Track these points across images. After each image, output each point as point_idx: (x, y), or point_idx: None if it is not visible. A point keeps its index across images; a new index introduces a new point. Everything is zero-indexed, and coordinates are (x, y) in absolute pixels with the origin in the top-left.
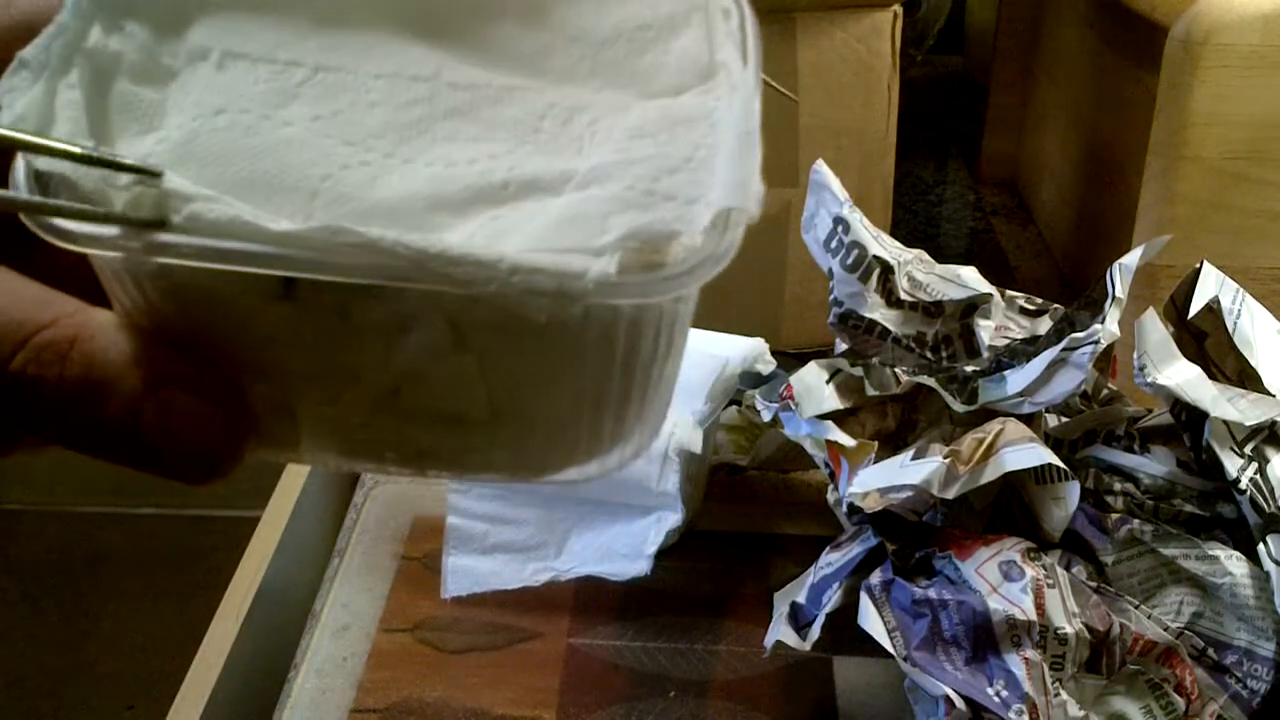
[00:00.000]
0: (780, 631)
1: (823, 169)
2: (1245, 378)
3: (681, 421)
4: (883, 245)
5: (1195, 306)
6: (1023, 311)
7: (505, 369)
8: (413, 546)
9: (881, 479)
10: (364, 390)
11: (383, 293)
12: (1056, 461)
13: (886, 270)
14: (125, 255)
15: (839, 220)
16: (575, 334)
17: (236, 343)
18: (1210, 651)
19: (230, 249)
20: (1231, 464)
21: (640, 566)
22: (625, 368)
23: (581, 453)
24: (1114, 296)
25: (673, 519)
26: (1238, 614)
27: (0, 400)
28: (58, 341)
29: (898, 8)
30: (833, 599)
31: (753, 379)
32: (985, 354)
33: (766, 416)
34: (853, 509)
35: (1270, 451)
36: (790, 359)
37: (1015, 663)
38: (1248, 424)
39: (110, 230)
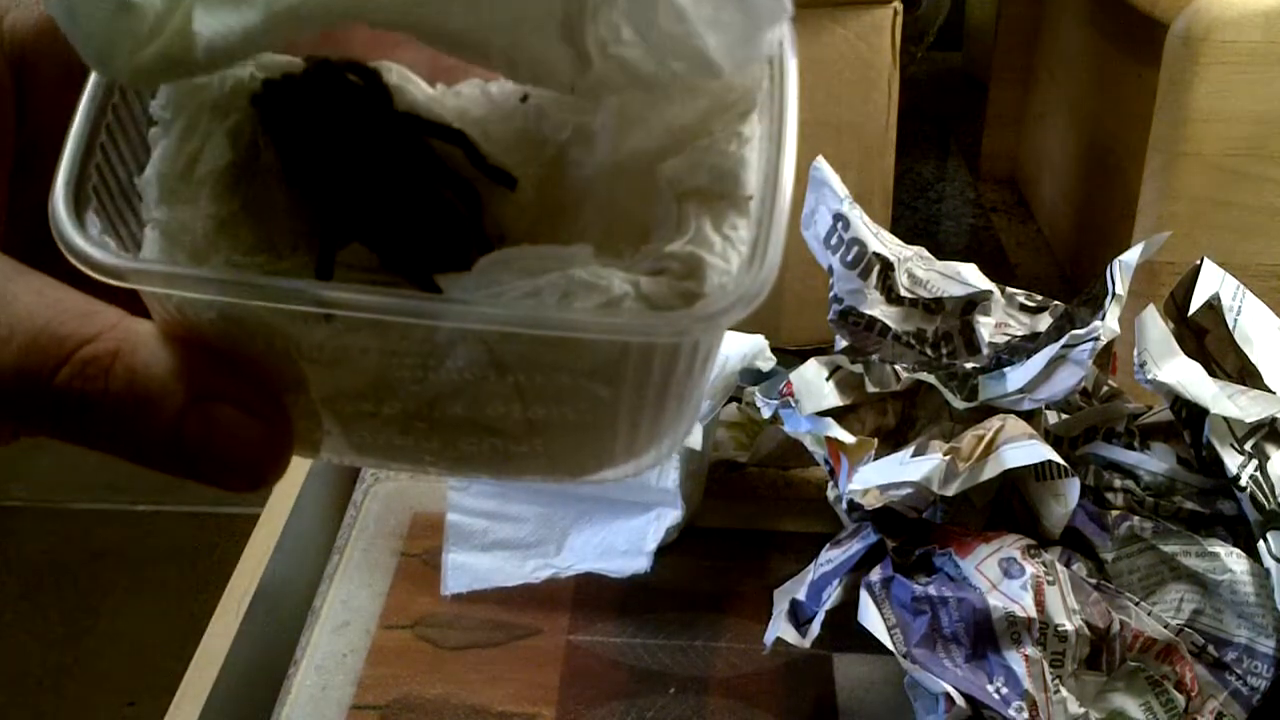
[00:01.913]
0: (780, 628)
1: (823, 166)
2: (1245, 374)
3: None
4: (883, 242)
5: (1195, 303)
6: (1023, 308)
7: (542, 389)
8: (412, 543)
9: (881, 476)
10: (401, 404)
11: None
12: (1056, 458)
13: (886, 267)
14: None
15: (839, 217)
16: (616, 362)
17: (275, 358)
18: (1210, 648)
19: (283, 289)
20: (1232, 461)
21: (640, 563)
22: (662, 385)
23: (618, 457)
24: (1114, 293)
25: (672, 516)
26: (1238, 611)
27: (45, 413)
28: (101, 355)
29: (898, 4)
30: (833, 596)
31: (753, 376)
32: (985, 351)
33: (766, 413)
34: (853, 506)
35: (1270, 448)
36: (790, 356)
37: (1015, 660)
38: (1248, 421)
39: (147, 265)
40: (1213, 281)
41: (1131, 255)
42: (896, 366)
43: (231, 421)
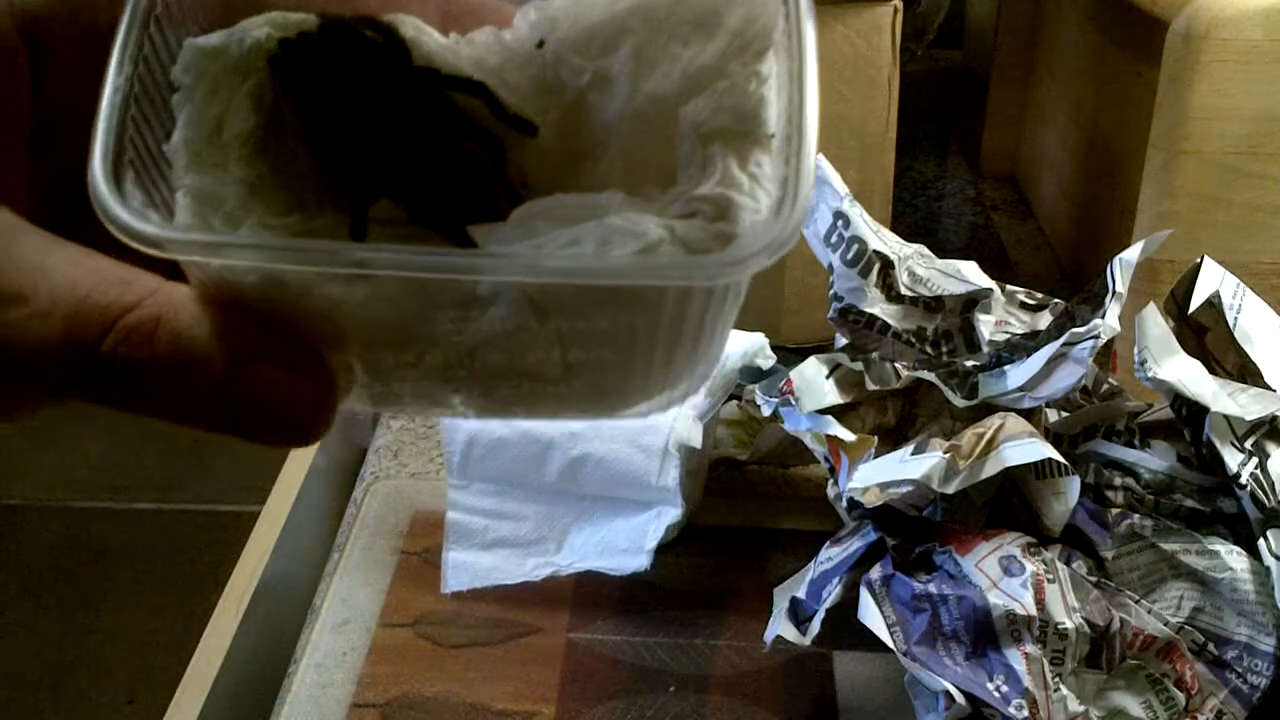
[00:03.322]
0: (780, 626)
1: (823, 163)
2: (1246, 372)
3: (681, 416)
4: (883, 240)
5: (1196, 301)
6: (1023, 306)
7: (581, 334)
8: (412, 542)
9: (881, 474)
10: (442, 355)
11: None
12: (1057, 456)
13: (887, 265)
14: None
15: (839, 215)
16: (654, 304)
17: (316, 316)
18: (1210, 646)
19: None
20: (1232, 459)
21: (640, 561)
22: (697, 323)
23: (651, 393)
24: (1114, 291)
25: (672, 514)
26: (1238, 609)
27: (92, 381)
28: (145, 322)
29: (898, 2)
30: (833, 594)
31: (753, 374)
32: (985, 349)
33: (766, 411)
34: (853, 504)
35: (1271, 446)
36: (790, 354)
37: (1015, 658)
38: (1248, 419)
39: (195, 236)
40: (1213, 279)
41: (1132, 253)
42: (897, 364)
43: (276, 378)
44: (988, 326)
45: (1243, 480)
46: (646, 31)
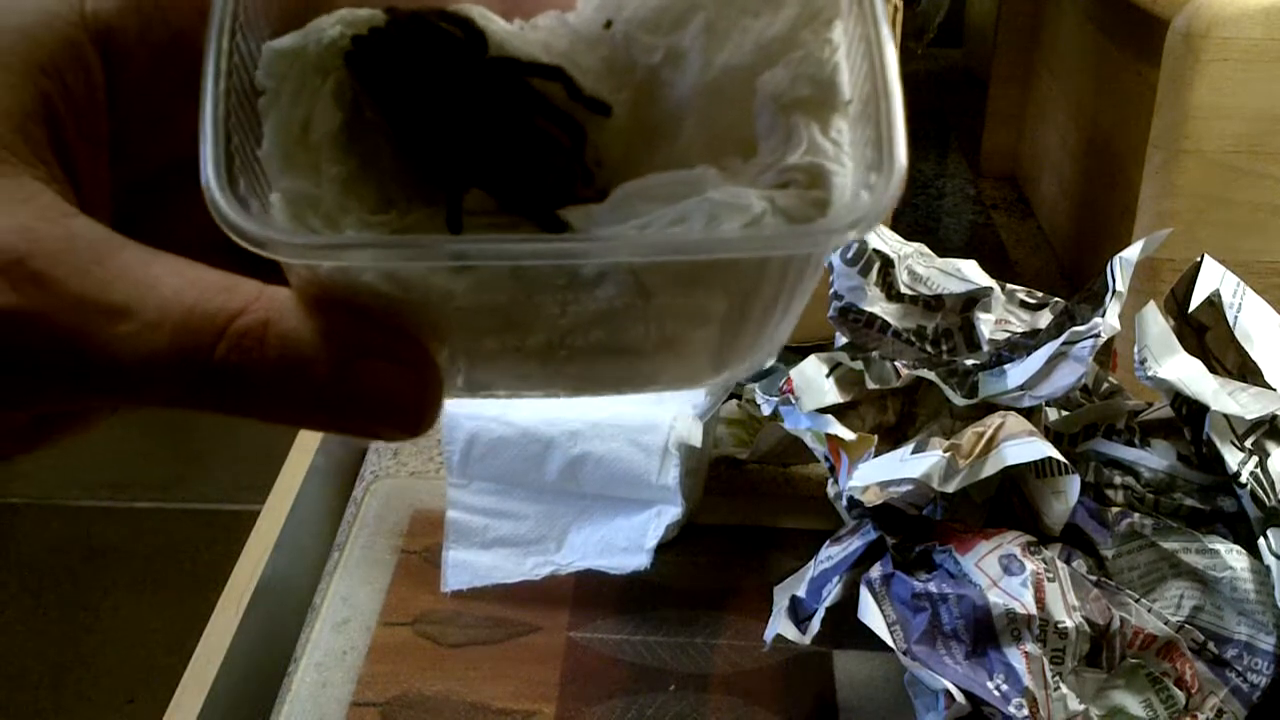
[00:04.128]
0: (780, 625)
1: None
2: (1246, 371)
3: (681, 415)
4: (883, 239)
5: (1196, 300)
6: (1023, 305)
7: (682, 308)
8: (412, 541)
9: (881, 473)
10: (546, 336)
11: None
12: (1057, 455)
13: (886, 264)
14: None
15: None
16: (756, 274)
17: (418, 308)
18: (1210, 645)
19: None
20: (1232, 458)
21: (640, 560)
22: (793, 291)
23: (740, 359)
24: (1114, 290)
25: (672, 513)
26: (1238, 608)
27: (206, 389)
28: (253, 327)
29: (898, 1)
30: (833, 593)
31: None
32: (985, 348)
33: (766, 410)
34: (853, 503)
35: (1271, 445)
36: (790, 352)
37: (1015, 656)
38: (1248, 418)
39: (326, 240)
40: (1213, 278)
41: (1132, 252)
42: (897, 363)
43: (383, 374)
44: (988, 325)
45: (1243, 479)
46: (715, 5)
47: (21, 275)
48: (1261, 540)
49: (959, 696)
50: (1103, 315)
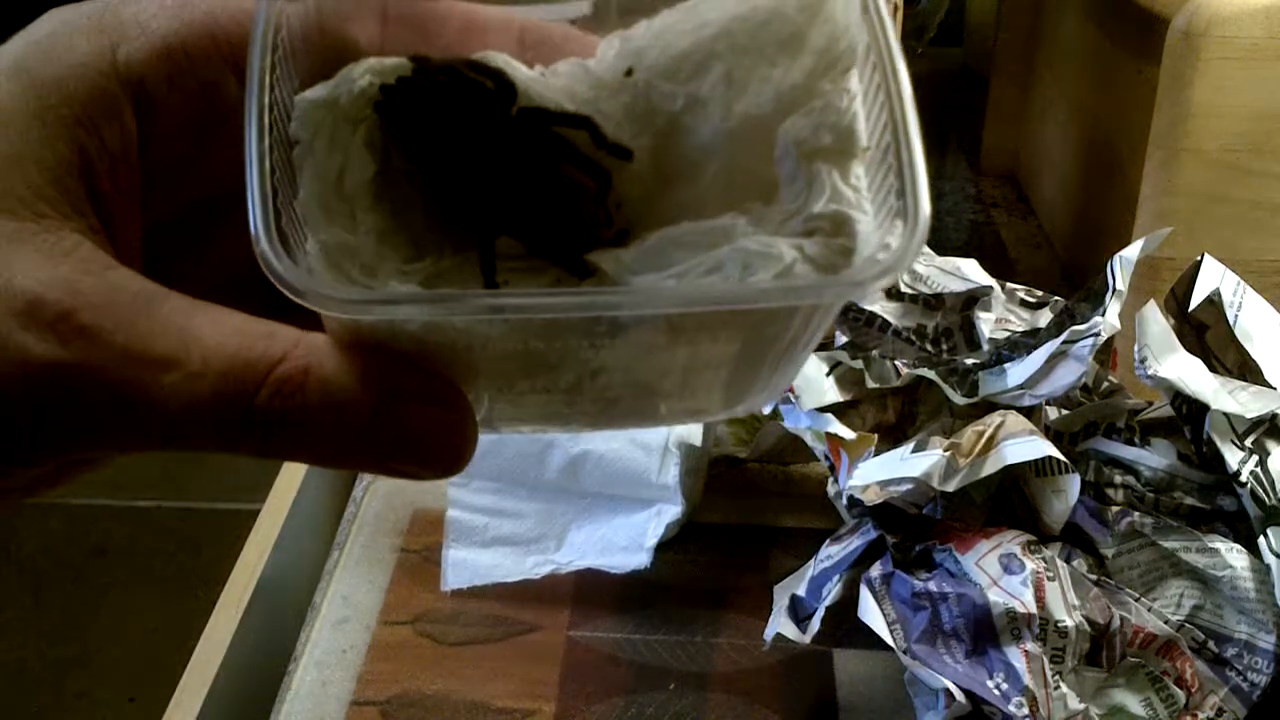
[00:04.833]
0: (780, 624)
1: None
2: (1246, 370)
3: None
4: None
5: (1196, 299)
6: (1023, 304)
7: (708, 352)
8: (412, 539)
9: (881, 472)
10: (571, 378)
11: None
12: (1057, 454)
13: None
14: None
15: None
16: (785, 319)
17: (452, 354)
18: (1210, 644)
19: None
20: (1232, 457)
21: (640, 559)
22: (814, 333)
23: (756, 395)
24: (1114, 289)
25: (672, 511)
26: (1238, 607)
27: (250, 434)
28: (294, 374)
29: (898, 0)
30: (833, 592)
31: None
32: (985, 346)
33: (766, 409)
34: (853, 502)
35: (1271, 444)
36: None
37: (1015, 655)
38: (1248, 416)
39: (380, 295)
40: (1213, 277)
41: (1132, 251)
42: (897, 362)
43: (421, 416)
44: (988, 324)
45: (1243, 478)
46: (734, 55)
47: (70, 330)
48: (1261, 539)
49: (959, 695)
50: (1103, 314)
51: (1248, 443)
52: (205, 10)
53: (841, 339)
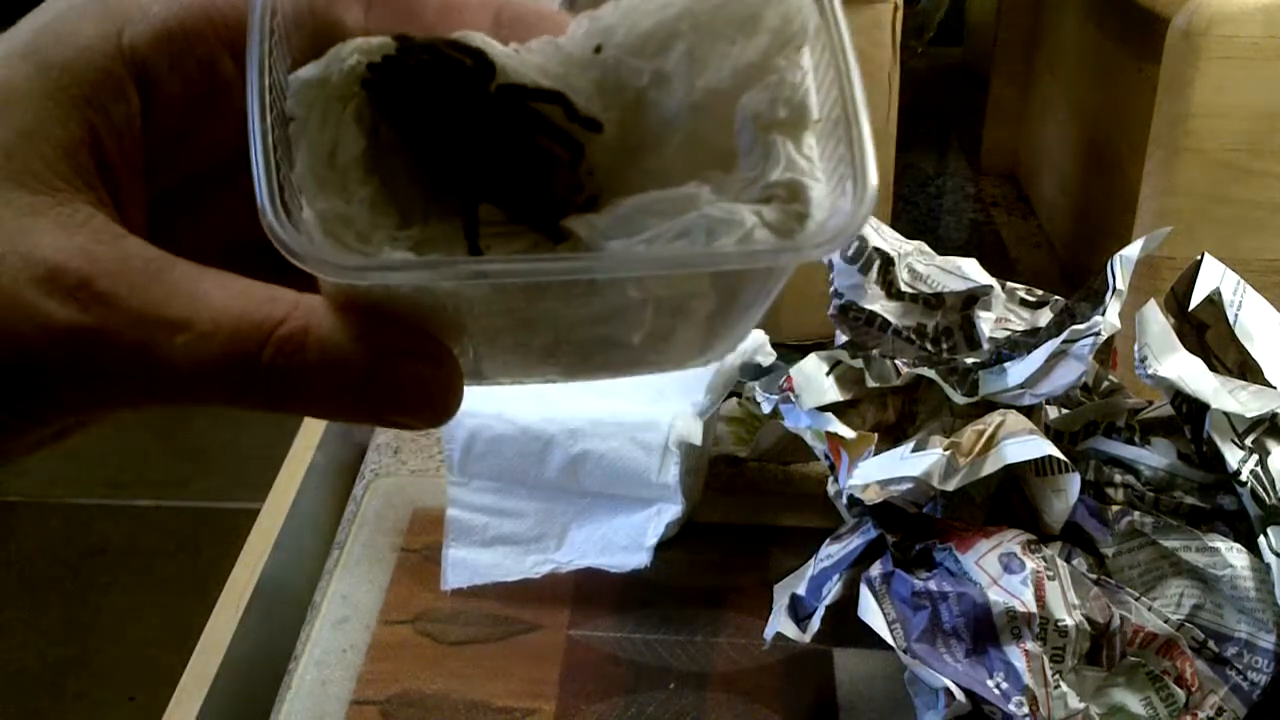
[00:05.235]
0: (780, 623)
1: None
2: (1246, 369)
3: (681, 413)
4: (883, 237)
5: (1196, 298)
6: (1023, 303)
7: (677, 307)
8: (412, 539)
9: (881, 471)
10: (554, 334)
11: None
12: (1057, 453)
13: (887, 262)
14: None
15: None
16: (743, 278)
17: (439, 313)
18: (1210, 643)
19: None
20: (1232, 456)
21: (640, 558)
22: (765, 294)
23: (717, 348)
24: (1114, 288)
25: (672, 511)
26: (1238, 606)
27: (256, 388)
28: (295, 333)
29: (898, 0)
30: (833, 591)
31: (753, 371)
32: (986, 346)
33: (767, 408)
34: (853, 501)
35: (1271, 443)
36: (790, 351)
37: (1015, 655)
38: (1248, 416)
39: (382, 261)
40: (1213, 276)
41: (1132, 250)
42: (897, 361)
43: (412, 370)
44: (988, 323)
45: (1243, 477)
46: (696, 34)
47: (89, 296)
48: (1261, 538)
49: (959, 695)
50: (1103, 313)
51: (1248, 442)
52: None
53: (841, 338)
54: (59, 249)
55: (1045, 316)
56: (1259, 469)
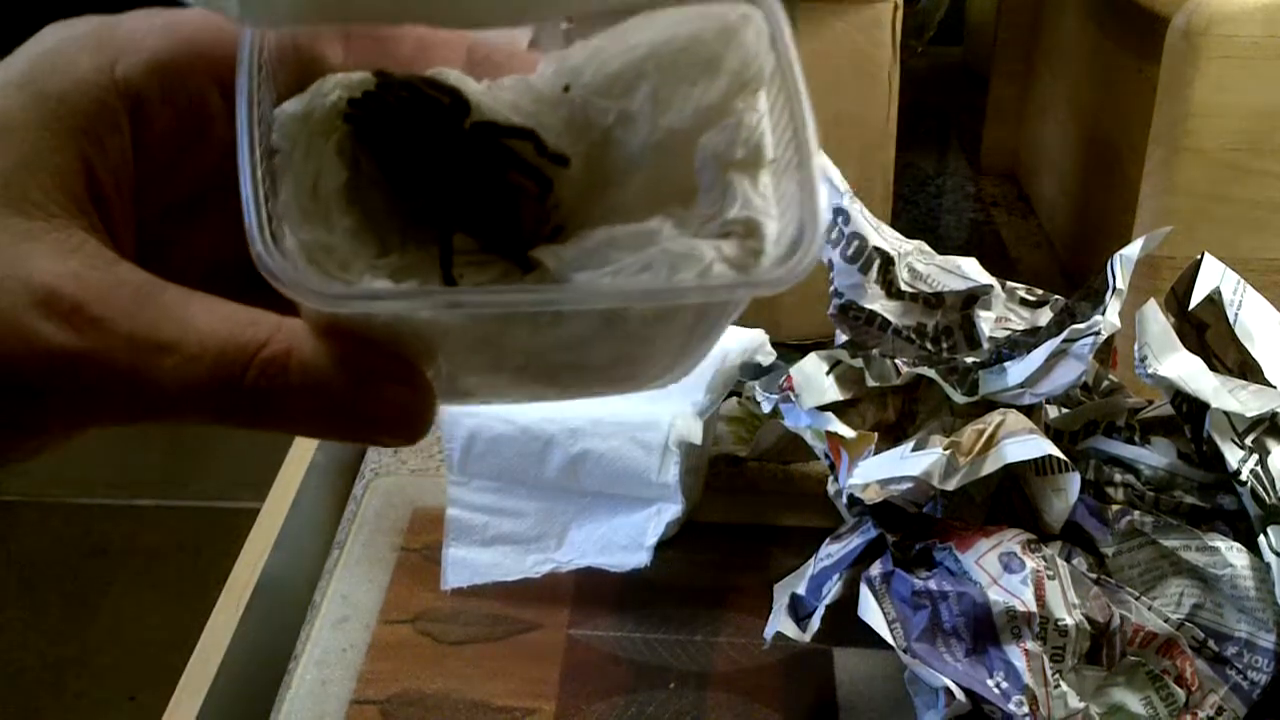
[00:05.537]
0: (780, 623)
1: (823, 160)
2: (1246, 369)
3: (682, 413)
4: (883, 236)
5: (1196, 298)
6: (1023, 303)
7: (638, 335)
8: (412, 538)
9: (882, 470)
10: (519, 358)
11: None
12: (1057, 453)
13: (887, 261)
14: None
15: (839, 211)
16: (704, 309)
17: (415, 338)
18: (1210, 643)
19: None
20: (1232, 455)
21: (640, 558)
22: (720, 323)
23: (674, 372)
24: (1114, 288)
25: (673, 510)
26: (1238, 605)
27: (240, 409)
28: (277, 355)
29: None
30: (833, 590)
31: (753, 370)
32: (986, 345)
33: (767, 408)
34: (853, 500)
35: (1271, 443)
36: (790, 350)
37: (1015, 654)
38: (1248, 415)
39: (361, 290)
40: (1213, 276)
41: (1132, 250)
42: (897, 361)
43: (388, 392)
44: (988, 323)
45: (1243, 477)
46: (660, 76)
47: (83, 320)
48: (1261, 538)
49: (959, 694)
50: (1103, 313)
51: (1248, 441)
52: (191, 30)
53: (841, 338)
54: (54, 274)
55: (1045, 316)
56: (1259, 468)
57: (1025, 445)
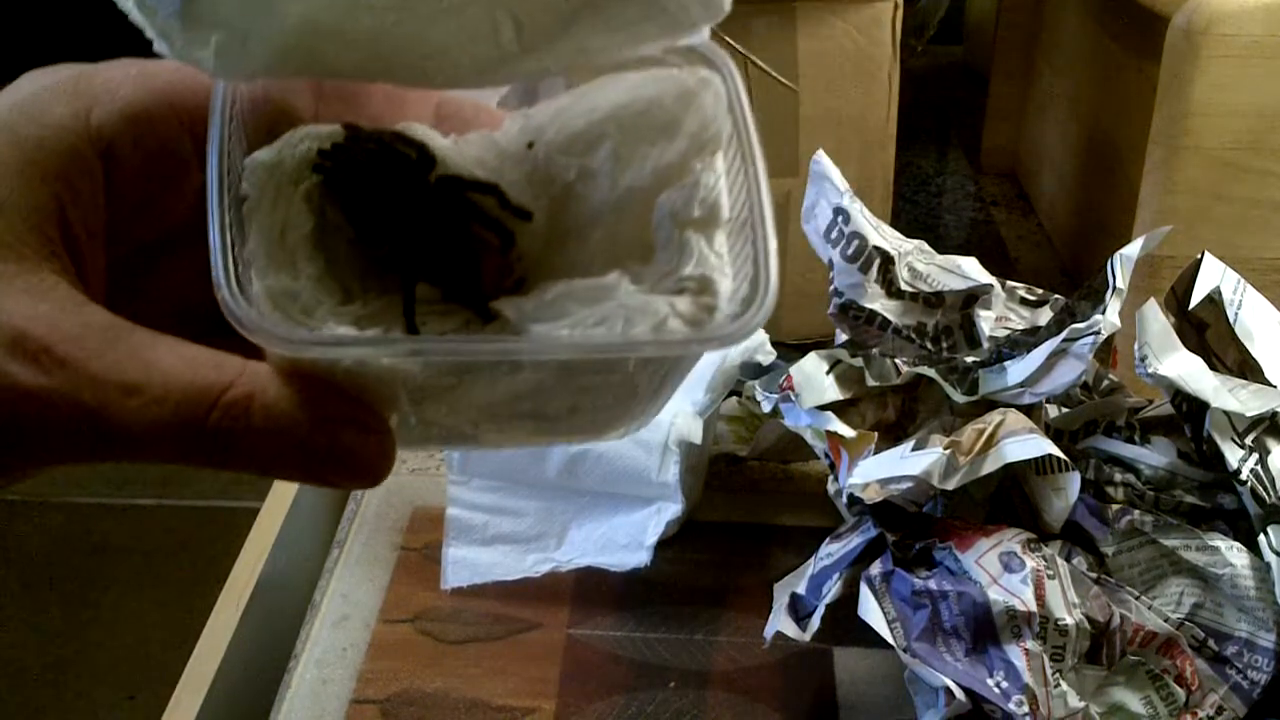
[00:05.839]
0: (780, 622)
1: (823, 159)
2: (1246, 368)
3: (682, 412)
4: (883, 236)
5: (1196, 297)
6: (1023, 302)
7: (592, 386)
8: (412, 537)
9: (882, 470)
10: (477, 408)
11: None
12: (1057, 452)
13: (887, 261)
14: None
15: (839, 210)
16: (659, 362)
17: (375, 385)
18: (1210, 642)
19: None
20: (1232, 455)
21: (640, 557)
22: (675, 376)
23: (631, 424)
24: (1114, 287)
25: (673, 510)
26: (1238, 605)
27: (203, 450)
28: (240, 399)
29: None
30: (833, 590)
31: (753, 370)
32: (986, 345)
33: (767, 407)
34: (853, 500)
35: (1271, 442)
36: (790, 350)
37: (1015, 653)
38: (1248, 415)
39: (326, 336)
40: (1213, 275)
41: (1132, 249)
42: (897, 360)
43: (349, 438)
44: (988, 322)
45: (1243, 476)
46: (621, 135)
47: (51, 361)
48: (1261, 537)
49: (959, 693)
50: (1103, 312)
51: (1248, 441)
52: (165, 80)
53: (841, 337)
54: (25, 316)
55: (1045, 315)
56: (1259, 468)
57: (1025, 444)
